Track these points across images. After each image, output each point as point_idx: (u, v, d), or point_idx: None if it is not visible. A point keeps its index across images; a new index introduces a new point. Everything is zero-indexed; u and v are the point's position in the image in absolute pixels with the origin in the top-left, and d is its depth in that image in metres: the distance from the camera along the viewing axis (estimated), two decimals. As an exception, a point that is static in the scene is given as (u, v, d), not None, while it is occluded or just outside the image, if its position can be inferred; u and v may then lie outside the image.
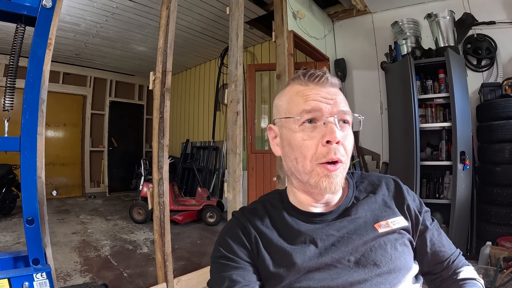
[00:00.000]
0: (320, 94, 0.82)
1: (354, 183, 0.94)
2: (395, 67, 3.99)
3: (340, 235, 0.80)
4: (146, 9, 4.43)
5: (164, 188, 2.37)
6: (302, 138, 0.81)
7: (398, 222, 0.84)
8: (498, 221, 3.22)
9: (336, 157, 0.78)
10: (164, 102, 2.37)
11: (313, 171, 0.80)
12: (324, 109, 0.80)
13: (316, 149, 0.79)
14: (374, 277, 0.76)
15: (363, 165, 4.57)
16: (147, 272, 3.17)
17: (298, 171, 0.83)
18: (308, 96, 0.82)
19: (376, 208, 0.87)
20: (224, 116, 6.13)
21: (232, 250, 0.82)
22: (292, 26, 3.59)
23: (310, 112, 0.80)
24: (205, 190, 5.42)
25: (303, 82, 0.85)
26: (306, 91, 0.84)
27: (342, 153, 0.79)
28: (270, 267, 0.78)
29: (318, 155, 0.79)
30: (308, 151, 0.80)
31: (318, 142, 0.79)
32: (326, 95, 0.82)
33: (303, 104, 0.82)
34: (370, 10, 4.57)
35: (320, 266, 0.77)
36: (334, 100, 0.82)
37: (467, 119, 3.51)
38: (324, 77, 0.84)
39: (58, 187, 7.11)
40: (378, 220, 0.84)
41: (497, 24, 3.67)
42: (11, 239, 3.99)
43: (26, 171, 1.41)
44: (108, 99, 7.75)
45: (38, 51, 1.47)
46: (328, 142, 0.78)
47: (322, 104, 0.80)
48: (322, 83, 0.84)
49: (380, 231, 0.81)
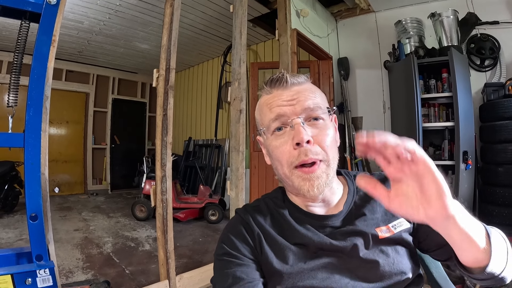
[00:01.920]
0: (282, 98, 0.83)
1: (354, 188, 0.92)
2: (398, 66, 3.98)
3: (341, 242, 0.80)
4: (149, 7, 4.43)
5: (167, 185, 2.37)
6: (275, 146, 0.82)
7: (400, 225, 0.84)
8: (500, 221, 3.21)
9: (308, 157, 0.77)
10: (167, 99, 2.38)
11: (292, 175, 0.80)
12: (288, 112, 0.81)
13: (289, 154, 0.79)
14: (374, 282, 0.76)
15: (365, 164, 4.56)
16: (149, 269, 3.18)
17: (282, 178, 0.85)
18: (272, 103, 0.84)
19: (377, 211, 0.86)
20: (226, 114, 6.13)
21: (236, 247, 0.82)
22: (296, 25, 3.59)
23: (276, 120, 0.82)
24: (207, 188, 5.43)
25: (268, 91, 0.87)
26: (270, 99, 0.85)
27: (317, 152, 0.78)
28: (273, 265, 0.78)
29: (291, 159, 0.79)
30: (282, 157, 0.81)
31: (290, 146, 0.79)
32: (287, 97, 0.82)
33: (269, 113, 0.83)
34: (373, 9, 4.56)
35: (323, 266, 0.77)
36: (297, 99, 0.82)
37: (470, 119, 3.49)
38: (283, 79, 0.84)
39: (61, 184, 7.12)
40: (379, 225, 0.83)
41: (500, 24, 3.65)
42: (13, 235, 4.01)
43: (30, 167, 1.41)
44: (111, 97, 7.77)
45: (42, 48, 1.47)
46: (298, 144, 0.77)
47: (285, 108, 0.81)
48: (283, 86, 0.84)
49: (382, 235, 0.81)
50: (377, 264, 0.77)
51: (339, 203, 0.89)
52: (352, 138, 4.47)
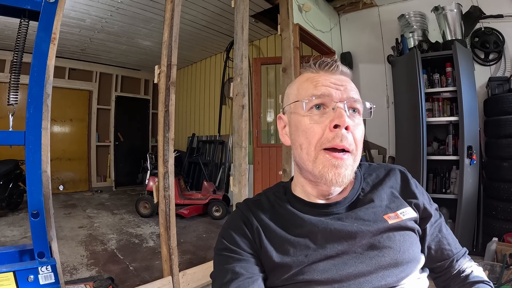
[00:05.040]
0: (330, 80, 0.81)
1: (362, 175, 0.92)
2: (401, 60, 3.95)
3: (347, 227, 0.78)
4: (151, 3, 4.42)
5: (169, 181, 2.37)
6: (309, 122, 0.79)
7: (407, 213, 0.83)
8: (505, 217, 3.19)
9: (342, 144, 0.75)
10: (169, 95, 2.37)
11: (317, 158, 0.77)
12: (333, 95, 0.79)
13: (323, 134, 0.77)
14: (380, 270, 0.74)
15: (369, 159, 4.55)
16: (153, 265, 3.19)
17: (302, 160, 0.82)
18: (318, 81, 0.82)
19: (384, 199, 0.85)
20: (230, 110, 6.12)
21: (235, 242, 0.81)
22: (298, 20, 3.57)
23: (319, 97, 0.79)
24: (211, 184, 5.44)
25: (314, 70, 0.86)
26: (316, 77, 0.83)
27: (351, 142, 0.77)
28: (273, 258, 0.77)
29: (323, 140, 0.77)
30: (314, 136, 0.78)
31: (325, 127, 0.77)
32: (336, 81, 0.81)
33: (313, 89, 0.81)
34: (376, 3, 4.52)
35: (324, 258, 0.75)
36: (344, 86, 0.81)
37: (475, 114, 3.47)
38: (335, 64, 0.83)
39: (65, 182, 7.16)
40: (387, 212, 0.82)
41: (505, 17, 3.61)
42: (18, 233, 4.03)
43: (31, 164, 1.41)
44: (114, 94, 7.78)
45: (42, 45, 1.47)
46: (336, 126, 0.76)
47: (331, 90, 0.79)
48: (332, 71, 0.83)
49: (390, 222, 0.79)
50: (384, 251, 0.76)
51: (344, 191, 0.87)
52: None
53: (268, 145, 4.88)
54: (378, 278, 0.73)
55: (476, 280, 0.84)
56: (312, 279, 0.74)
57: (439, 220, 0.90)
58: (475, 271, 0.87)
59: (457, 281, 0.87)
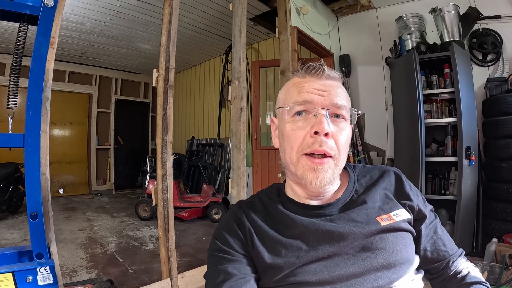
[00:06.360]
0: (314, 86, 0.82)
1: (355, 176, 0.92)
2: (400, 62, 3.96)
3: (338, 228, 0.78)
4: (150, 7, 4.44)
5: (168, 184, 2.38)
6: (291, 128, 0.81)
7: (401, 215, 0.83)
8: (504, 217, 3.19)
9: (322, 149, 0.77)
10: (167, 98, 2.39)
11: (298, 162, 0.80)
12: (316, 101, 0.80)
13: (303, 140, 0.79)
14: (372, 271, 0.74)
15: (368, 161, 4.55)
16: (152, 268, 3.19)
17: (287, 163, 0.84)
18: (303, 87, 0.83)
19: (378, 200, 0.85)
20: (229, 113, 6.13)
21: (228, 243, 0.82)
22: (296, 22, 3.58)
23: (301, 104, 0.81)
24: (211, 187, 5.44)
25: (301, 74, 0.86)
26: (302, 83, 0.84)
27: (332, 147, 0.78)
28: (265, 260, 0.78)
29: (304, 145, 0.79)
30: (295, 141, 0.80)
31: (306, 133, 0.79)
32: (320, 87, 0.82)
33: (296, 95, 0.82)
34: (374, 5, 4.54)
35: (315, 260, 0.76)
36: (328, 92, 0.81)
37: (473, 115, 3.47)
38: (321, 69, 0.84)
39: (65, 185, 7.17)
40: (380, 214, 0.82)
41: (502, 18, 3.62)
42: (18, 236, 4.04)
43: (29, 167, 1.42)
44: (114, 97, 7.80)
45: (40, 49, 1.48)
46: (316, 133, 0.77)
47: (314, 96, 0.80)
48: (318, 75, 0.84)
49: (383, 224, 0.79)
50: (377, 253, 0.76)
51: (337, 192, 0.88)
52: (354, 136, 4.46)
53: (267, 147, 4.89)
54: (370, 280, 0.73)
55: (472, 281, 0.84)
56: (303, 280, 0.74)
57: (434, 221, 0.90)
58: (471, 272, 0.87)
59: (453, 282, 0.87)
